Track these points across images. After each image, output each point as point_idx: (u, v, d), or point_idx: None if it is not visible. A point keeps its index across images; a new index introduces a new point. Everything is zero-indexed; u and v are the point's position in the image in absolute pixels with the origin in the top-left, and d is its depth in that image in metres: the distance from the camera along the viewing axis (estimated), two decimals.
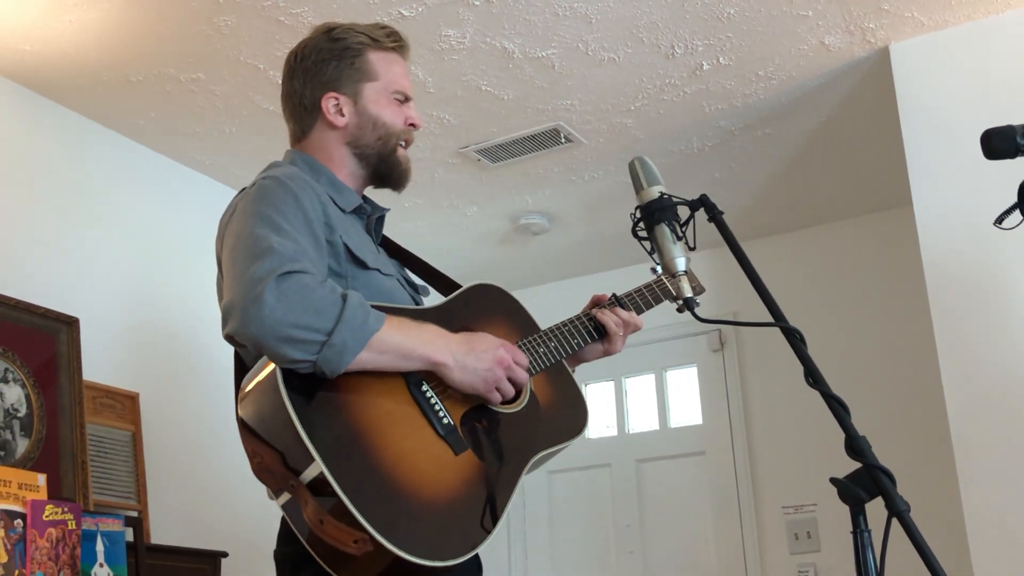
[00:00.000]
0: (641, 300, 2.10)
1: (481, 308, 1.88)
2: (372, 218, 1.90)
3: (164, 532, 3.43)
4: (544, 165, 4.13)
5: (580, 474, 4.98)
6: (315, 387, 1.51)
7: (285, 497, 1.51)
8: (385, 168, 1.90)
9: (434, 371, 1.62)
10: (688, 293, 1.69)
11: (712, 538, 4.67)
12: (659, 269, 2.17)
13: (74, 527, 2.56)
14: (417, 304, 1.88)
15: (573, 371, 2.03)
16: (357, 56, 1.87)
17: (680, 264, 1.69)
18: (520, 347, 1.81)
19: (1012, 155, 1.96)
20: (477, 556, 1.74)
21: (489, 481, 1.63)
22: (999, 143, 1.97)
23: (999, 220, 2.09)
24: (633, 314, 2.04)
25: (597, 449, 4.98)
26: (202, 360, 3.83)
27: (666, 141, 3.95)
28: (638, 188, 1.77)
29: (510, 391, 1.69)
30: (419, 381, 1.63)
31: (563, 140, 3.90)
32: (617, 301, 2.06)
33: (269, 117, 3.66)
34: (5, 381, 3.00)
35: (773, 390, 4.65)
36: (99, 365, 3.39)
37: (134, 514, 3.22)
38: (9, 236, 3.32)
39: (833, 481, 1.37)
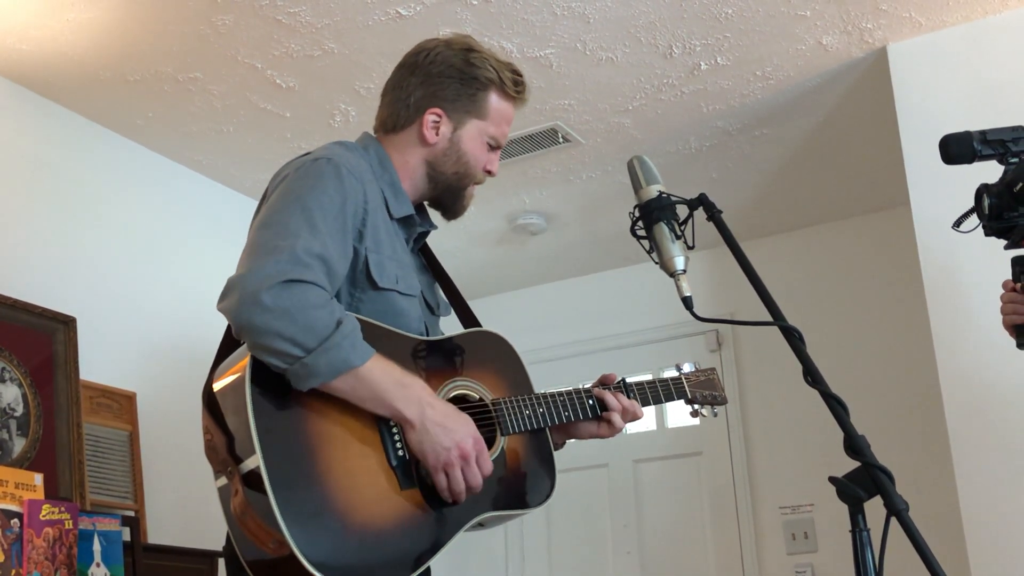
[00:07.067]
0: (651, 393, 2.01)
1: (478, 354, 1.83)
2: (416, 230, 1.90)
3: (161, 532, 3.43)
4: (542, 165, 4.12)
5: (577, 474, 4.96)
6: (283, 386, 1.51)
7: (222, 481, 1.51)
8: (449, 200, 1.94)
9: (399, 424, 1.58)
10: (687, 292, 1.68)
11: (709, 539, 4.67)
12: (683, 368, 2.10)
13: (71, 527, 2.55)
14: (429, 327, 1.85)
15: (562, 445, 1.96)
16: (481, 90, 1.86)
17: (679, 263, 1.68)
18: (505, 404, 1.77)
19: (969, 160, 1.95)
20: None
21: (426, 526, 1.57)
22: (956, 148, 1.96)
23: (957, 223, 2.07)
24: (635, 403, 1.95)
25: (594, 449, 4.94)
26: (199, 359, 3.78)
27: (663, 141, 3.95)
28: (637, 187, 1.77)
29: (458, 485, 1.59)
30: None
31: (561, 140, 3.90)
32: (624, 387, 1.97)
33: (266, 116, 3.65)
34: (2, 380, 2.99)
35: (770, 390, 4.66)
36: (96, 364, 3.38)
37: (131, 514, 3.22)
38: (6, 235, 3.31)
39: (832, 480, 1.37)
